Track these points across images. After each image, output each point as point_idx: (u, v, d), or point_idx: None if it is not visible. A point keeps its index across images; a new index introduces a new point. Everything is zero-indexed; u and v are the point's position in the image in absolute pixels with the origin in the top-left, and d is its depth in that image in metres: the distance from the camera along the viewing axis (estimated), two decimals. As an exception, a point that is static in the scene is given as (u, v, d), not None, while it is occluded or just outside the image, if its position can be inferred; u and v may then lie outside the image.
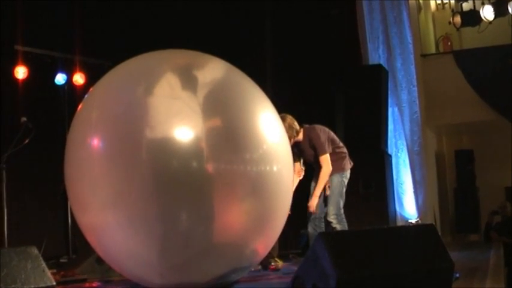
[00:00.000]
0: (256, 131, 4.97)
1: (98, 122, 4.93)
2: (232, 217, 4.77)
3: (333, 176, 6.49)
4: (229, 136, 4.80)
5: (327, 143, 6.45)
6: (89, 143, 4.87)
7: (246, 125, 4.94)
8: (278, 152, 5.05)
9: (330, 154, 6.46)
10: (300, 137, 6.46)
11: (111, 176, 4.73)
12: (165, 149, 4.63)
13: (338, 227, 6.41)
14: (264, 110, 5.17)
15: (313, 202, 6.43)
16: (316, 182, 6.50)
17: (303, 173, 6.68)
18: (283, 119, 5.66)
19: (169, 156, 4.62)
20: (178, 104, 4.83)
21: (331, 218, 6.43)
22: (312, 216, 6.54)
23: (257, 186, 4.82)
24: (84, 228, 5.11)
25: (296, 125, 6.42)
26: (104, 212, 4.78)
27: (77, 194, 5.03)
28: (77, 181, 4.98)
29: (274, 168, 4.94)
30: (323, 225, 6.56)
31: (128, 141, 4.71)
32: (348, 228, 6.44)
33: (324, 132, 6.50)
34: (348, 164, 6.64)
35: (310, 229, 6.60)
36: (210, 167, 4.63)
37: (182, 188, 4.60)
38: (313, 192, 6.48)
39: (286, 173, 5.14)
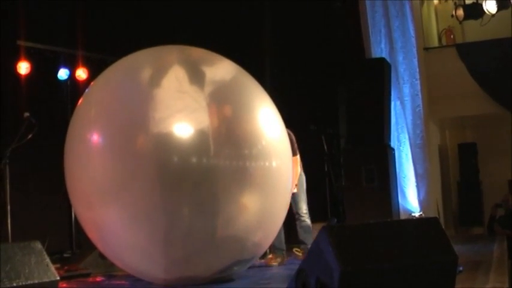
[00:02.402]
0: (256, 127, 4.98)
1: (99, 117, 4.93)
2: (234, 211, 4.78)
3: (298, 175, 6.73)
4: (229, 132, 4.81)
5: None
6: (89, 139, 4.86)
7: (245, 121, 4.95)
8: (277, 148, 5.07)
9: None
10: None
11: (113, 171, 4.73)
12: (169, 143, 4.63)
13: (308, 221, 6.74)
14: (263, 106, 5.18)
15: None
16: None
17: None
18: None
19: (172, 151, 4.63)
20: (185, 98, 4.83)
21: (303, 214, 6.73)
22: None
23: (257, 181, 4.84)
24: (85, 225, 5.11)
25: None
26: (106, 208, 4.78)
27: (77, 191, 5.02)
28: (78, 177, 4.97)
29: (274, 164, 4.95)
30: None
31: (131, 137, 4.71)
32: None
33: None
34: None
35: None
36: (212, 162, 4.64)
37: (184, 183, 4.60)
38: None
39: (285, 168, 5.15)
